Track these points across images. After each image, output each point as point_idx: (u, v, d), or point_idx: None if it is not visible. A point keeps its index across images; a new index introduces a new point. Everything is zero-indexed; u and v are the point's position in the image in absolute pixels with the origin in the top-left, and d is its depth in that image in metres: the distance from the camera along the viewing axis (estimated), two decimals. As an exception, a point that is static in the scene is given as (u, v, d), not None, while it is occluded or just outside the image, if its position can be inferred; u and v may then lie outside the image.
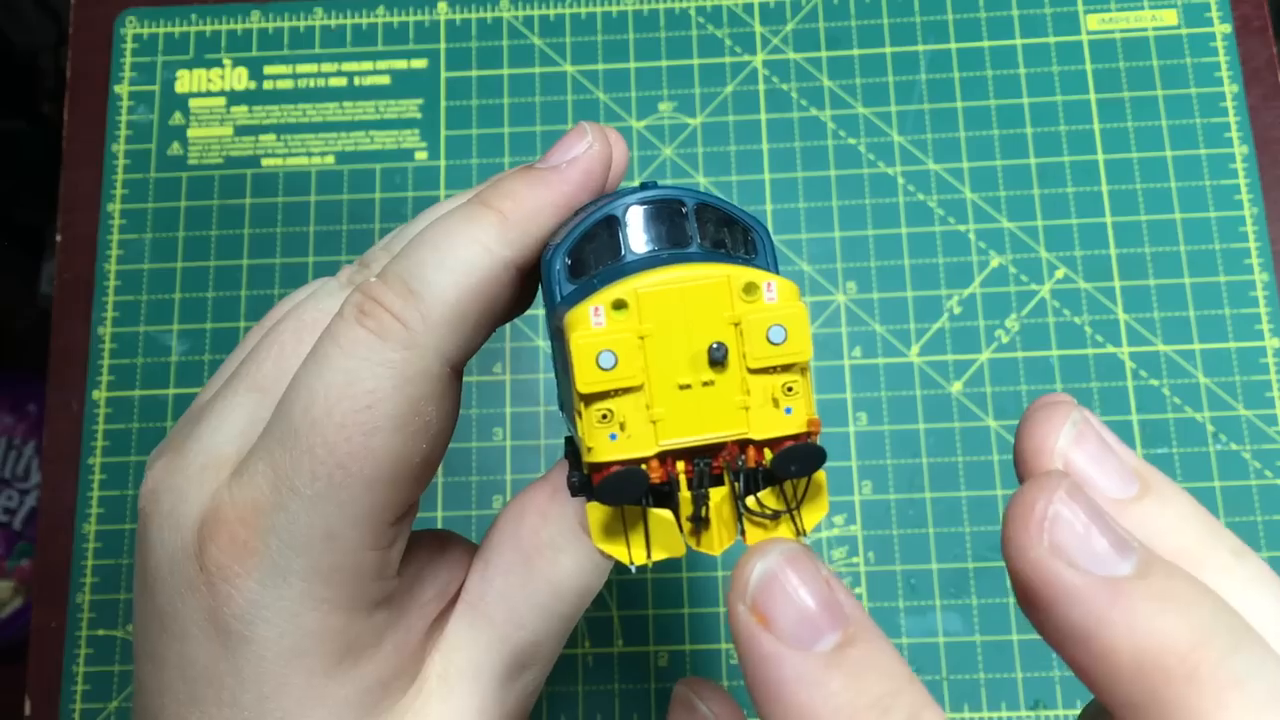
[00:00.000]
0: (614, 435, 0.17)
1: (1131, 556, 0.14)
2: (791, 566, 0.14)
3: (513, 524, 0.22)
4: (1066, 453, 0.16)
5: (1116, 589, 0.14)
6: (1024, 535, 0.14)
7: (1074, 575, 0.14)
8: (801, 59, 0.44)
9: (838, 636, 0.14)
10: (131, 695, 0.39)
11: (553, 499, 0.22)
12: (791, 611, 0.14)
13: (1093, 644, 0.14)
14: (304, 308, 0.23)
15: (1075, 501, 0.14)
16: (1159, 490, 0.16)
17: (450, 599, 0.22)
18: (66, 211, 0.44)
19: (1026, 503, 0.15)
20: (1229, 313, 0.40)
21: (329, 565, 0.19)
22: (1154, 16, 0.44)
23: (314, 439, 0.18)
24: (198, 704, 0.19)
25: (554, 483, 0.22)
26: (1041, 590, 0.14)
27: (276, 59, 0.45)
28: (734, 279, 0.17)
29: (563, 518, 0.22)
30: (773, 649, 0.14)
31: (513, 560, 0.22)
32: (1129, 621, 0.13)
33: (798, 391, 0.17)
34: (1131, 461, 0.16)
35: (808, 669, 0.14)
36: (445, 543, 0.23)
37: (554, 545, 0.21)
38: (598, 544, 0.18)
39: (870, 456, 0.40)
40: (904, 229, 0.42)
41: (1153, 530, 0.16)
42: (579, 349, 0.16)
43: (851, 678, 0.14)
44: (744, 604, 0.14)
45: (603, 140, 0.22)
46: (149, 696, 0.20)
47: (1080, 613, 0.14)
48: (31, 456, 0.92)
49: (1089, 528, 0.14)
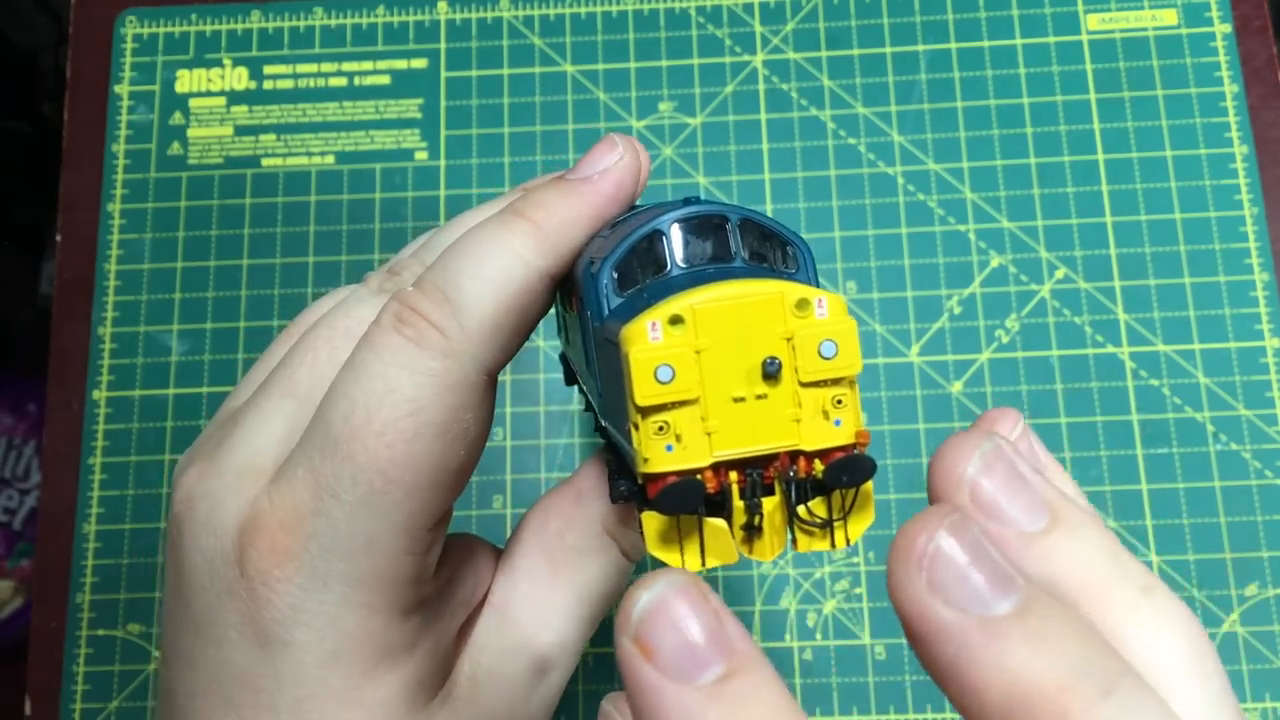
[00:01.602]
0: (670, 446, 0.17)
1: (1014, 595, 0.14)
2: (679, 596, 0.14)
3: (537, 528, 0.22)
4: (974, 481, 0.16)
5: (990, 628, 0.13)
6: (903, 571, 0.14)
7: (949, 613, 0.14)
8: (801, 59, 0.44)
9: (720, 669, 0.14)
10: (132, 694, 0.39)
11: (577, 504, 0.22)
12: (674, 643, 0.14)
13: (964, 682, 0.14)
14: (336, 315, 0.23)
15: (958, 537, 0.14)
16: (1068, 523, 0.16)
17: (478, 603, 0.23)
18: (66, 211, 0.44)
19: (909, 537, 0.14)
20: (1229, 313, 0.40)
21: (369, 570, 0.19)
22: (1154, 16, 0.44)
23: (355, 446, 0.19)
24: (233, 707, 0.20)
25: (578, 488, 0.22)
26: (918, 627, 0.14)
27: (276, 59, 0.45)
28: (787, 295, 0.17)
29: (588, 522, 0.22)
30: (654, 681, 0.14)
31: (537, 564, 0.22)
32: (999, 662, 0.13)
33: (846, 404, 0.17)
34: (1044, 493, 0.16)
35: (688, 702, 0.13)
36: (473, 548, 0.23)
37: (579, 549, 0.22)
38: (652, 551, 0.18)
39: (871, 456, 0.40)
40: (904, 229, 0.42)
41: (1058, 565, 0.15)
42: (638, 363, 0.17)
43: (730, 710, 0.13)
44: (627, 635, 0.14)
45: (632, 152, 0.22)
46: (180, 699, 0.20)
47: (954, 651, 0.14)
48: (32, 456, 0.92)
49: (969, 565, 0.14)
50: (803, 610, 0.39)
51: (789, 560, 0.39)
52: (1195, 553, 0.39)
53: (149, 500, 0.41)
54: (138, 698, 0.39)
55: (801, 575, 0.39)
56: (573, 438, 0.41)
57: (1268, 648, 0.38)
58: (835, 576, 0.39)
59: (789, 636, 0.38)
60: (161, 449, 0.41)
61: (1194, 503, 0.39)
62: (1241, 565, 0.38)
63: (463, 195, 0.43)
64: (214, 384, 0.42)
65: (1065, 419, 0.40)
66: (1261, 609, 0.38)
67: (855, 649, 0.38)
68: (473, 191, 0.43)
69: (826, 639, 0.38)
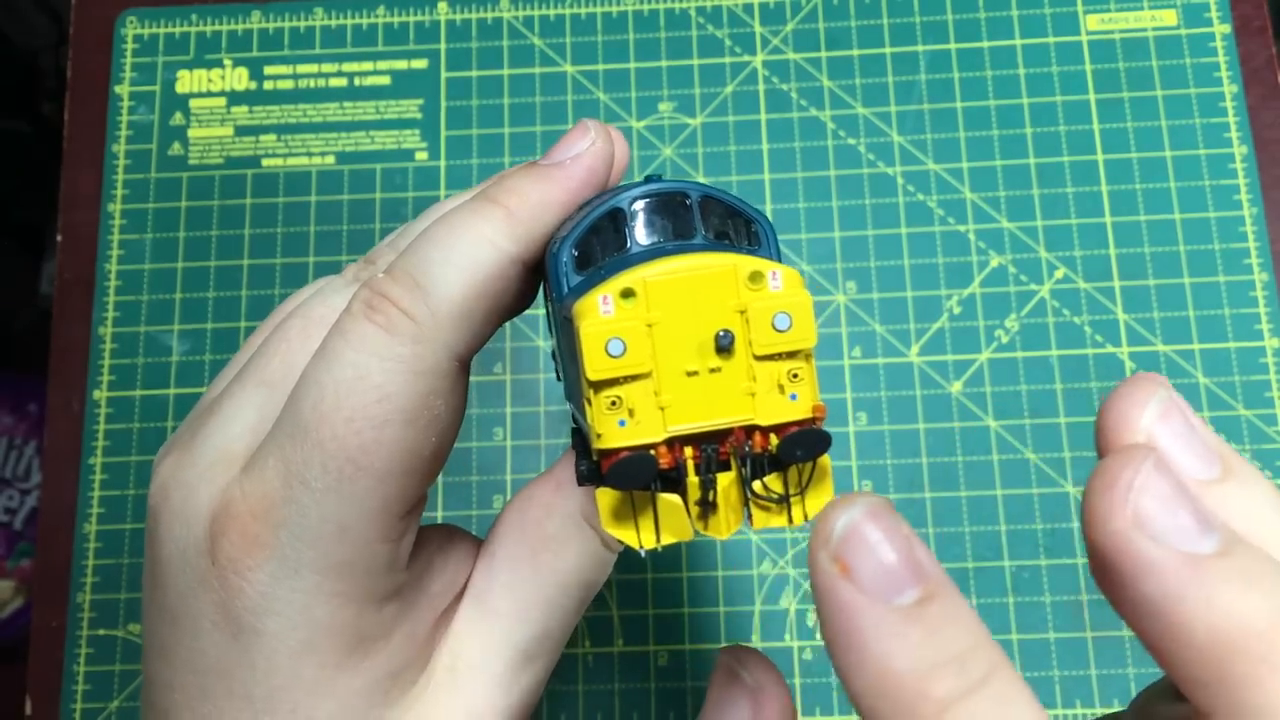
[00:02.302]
0: (623, 422, 0.17)
1: (1214, 535, 0.14)
2: (875, 521, 0.14)
3: (517, 518, 0.22)
4: (1151, 429, 0.16)
5: (1198, 565, 0.14)
6: (1106, 506, 0.14)
7: (1155, 549, 0.14)
8: (801, 59, 0.44)
9: (917, 592, 0.14)
10: (133, 694, 0.39)
11: (557, 492, 0.22)
12: (873, 564, 0.14)
13: (1168, 619, 0.14)
14: (311, 304, 0.23)
15: (1161, 476, 0.14)
16: (1241, 474, 0.16)
17: (457, 592, 0.22)
18: (67, 211, 0.44)
19: (1111, 473, 0.14)
20: (1228, 313, 0.40)
21: (340, 558, 0.19)
22: (1153, 17, 0.44)
23: (324, 433, 0.19)
24: (209, 697, 0.20)
25: (558, 477, 0.22)
26: (1120, 563, 0.14)
27: (277, 59, 0.45)
28: (740, 267, 0.17)
29: (567, 511, 0.22)
30: (853, 598, 0.14)
31: (518, 553, 0.22)
32: (1207, 598, 0.13)
33: (802, 378, 0.17)
34: (1215, 444, 0.16)
35: (887, 620, 0.14)
36: (452, 537, 0.23)
37: (558, 538, 0.22)
38: (607, 528, 0.18)
39: (870, 456, 0.40)
40: (904, 229, 0.42)
41: (1233, 513, 0.15)
42: (588, 336, 0.17)
43: (930, 633, 0.14)
44: (826, 552, 0.14)
45: (605, 137, 0.22)
46: (159, 691, 0.20)
47: (1159, 587, 0.14)
48: (32, 456, 0.92)
49: (1173, 502, 0.14)
50: (802, 610, 0.39)
51: (789, 560, 0.39)
52: (1195, 552, 0.39)
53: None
54: (138, 697, 0.39)
55: (801, 575, 0.39)
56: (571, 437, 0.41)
57: (1267, 647, 0.38)
58: (835, 576, 0.39)
59: (789, 636, 0.39)
60: (162, 449, 0.41)
61: (1193, 503, 0.39)
62: (1241, 565, 0.38)
63: (463, 195, 0.43)
64: (214, 384, 0.42)
65: (1065, 419, 0.40)
66: (1261, 609, 0.38)
67: (855, 649, 0.38)
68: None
69: (826, 639, 0.38)
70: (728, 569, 0.39)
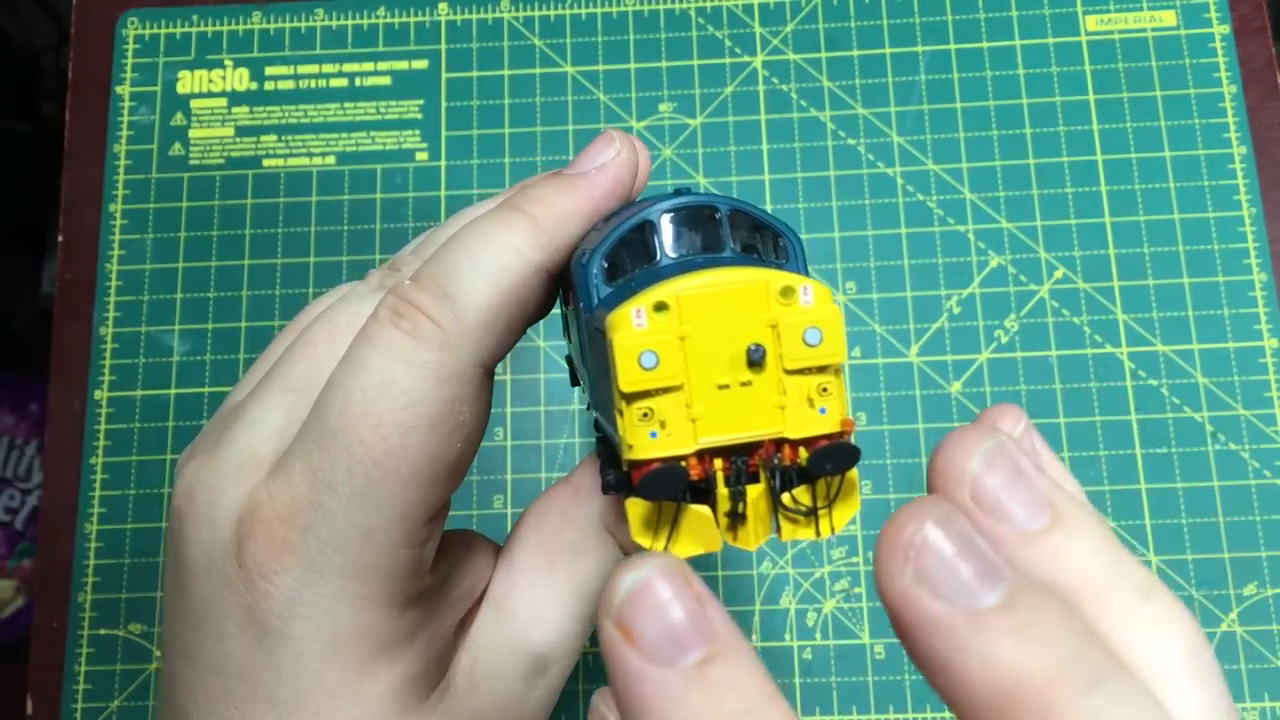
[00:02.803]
0: (654, 433, 0.17)
1: (998, 588, 0.14)
2: (662, 580, 0.14)
3: (536, 525, 0.22)
4: (975, 479, 0.16)
5: (976, 620, 0.13)
6: (891, 562, 0.14)
7: (935, 605, 0.14)
8: (801, 60, 0.44)
9: (701, 653, 0.14)
10: (133, 694, 0.39)
11: (575, 500, 0.22)
12: (656, 626, 0.14)
13: (952, 674, 0.13)
14: (336, 310, 0.23)
15: (945, 528, 0.14)
16: (1069, 523, 0.16)
17: (477, 598, 0.23)
18: (68, 211, 0.44)
19: (896, 528, 0.14)
20: (1228, 313, 0.40)
21: (365, 562, 0.19)
22: (1153, 17, 0.44)
23: (351, 438, 0.19)
24: (232, 699, 0.20)
25: (575, 485, 0.22)
26: (905, 618, 0.14)
27: (278, 60, 0.45)
28: (772, 283, 0.17)
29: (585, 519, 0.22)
30: (635, 665, 0.14)
31: (536, 561, 0.22)
32: (986, 653, 0.13)
33: (832, 392, 0.17)
34: (1046, 491, 0.16)
35: (668, 685, 0.13)
36: (471, 543, 0.23)
37: (576, 546, 0.22)
38: (636, 538, 0.18)
39: (870, 456, 0.40)
40: (903, 229, 0.42)
41: (1058, 564, 0.15)
42: (622, 349, 0.17)
43: (710, 694, 0.13)
44: (609, 619, 0.14)
45: (630, 147, 0.22)
46: (180, 693, 0.21)
47: (941, 642, 0.14)
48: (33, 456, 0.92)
49: (956, 557, 0.14)
50: (802, 610, 0.39)
51: (788, 560, 0.39)
52: (1194, 552, 0.39)
53: (150, 500, 0.41)
54: (139, 697, 0.39)
55: (801, 575, 0.39)
56: (573, 438, 0.41)
57: (1266, 647, 0.38)
58: (835, 576, 0.39)
59: (789, 636, 0.39)
60: (163, 449, 0.42)
61: (1193, 502, 0.39)
62: (1240, 565, 0.38)
63: (463, 196, 0.44)
64: (215, 384, 0.42)
65: (1064, 419, 0.40)
66: (1260, 608, 0.38)
67: (855, 648, 0.38)
68: (473, 192, 0.44)
69: (826, 639, 0.39)
70: (728, 569, 0.39)
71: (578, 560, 0.22)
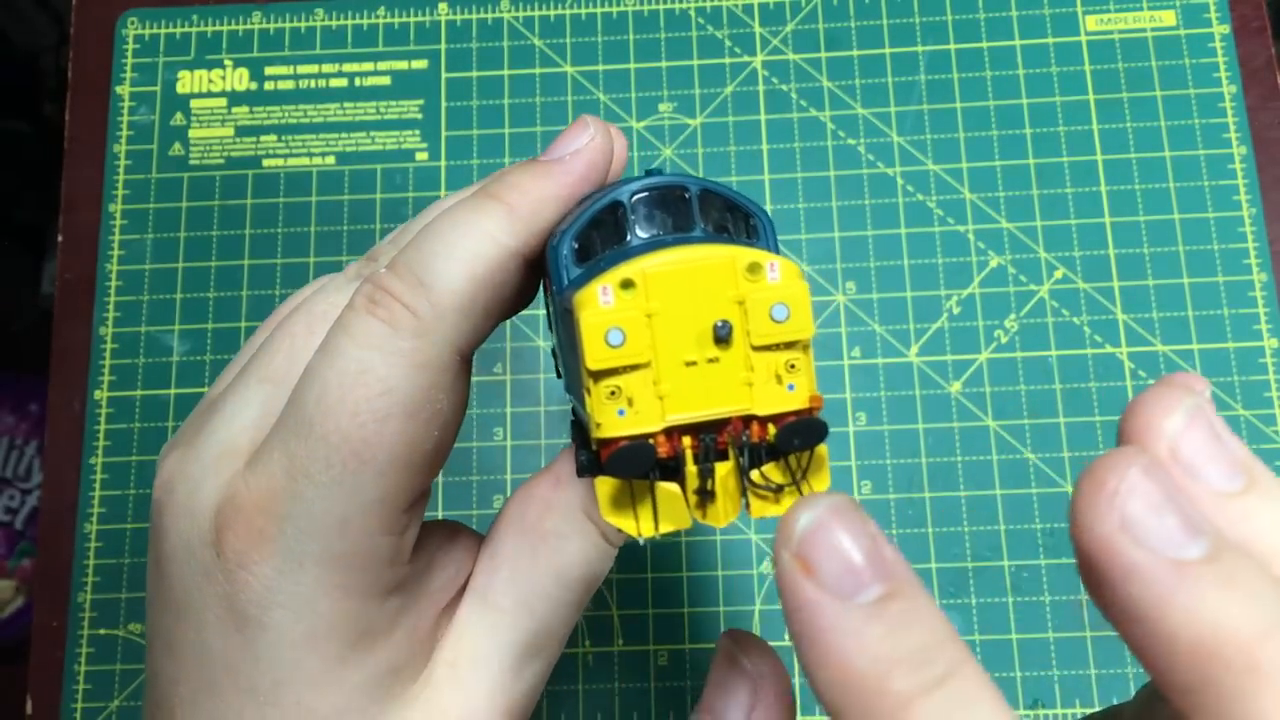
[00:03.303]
0: (622, 411, 0.17)
1: (1203, 540, 0.14)
2: (838, 519, 0.14)
3: (518, 514, 0.22)
4: (1175, 436, 0.16)
5: (1183, 571, 0.13)
6: (1093, 509, 0.14)
7: (1140, 553, 0.14)
8: (801, 60, 0.44)
9: (880, 589, 0.14)
10: (133, 694, 0.39)
11: (556, 488, 0.22)
12: (836, 561, 0.14)
13: (1153, 625, 0.13)
14: (313, 301, 0.23)
15: (1150, 479, 0.14)
16: (1266, 488, 0.15)
17: (459, 588, 0.22)
18: (68, 211, 0.44)
19: (1099, 476, 0.14)
20: (1227, 313, 0.40)
21: (344, 551, 0.19)
22: (1152, 17, 0.44)
23: (328, 427, 0.19)
24: (213, 690, 0.20)
25: (557, 473, 0.22)
26: (1105, 566, 0.14)
27: (277, 60, 0.45)
28: (738, 259, 0.17)
29: (567, 505, 0.22)
30: (815, 596, 0.14)
31: (519, 548, 0.22)
32: (1193, 605, 0.13)
33: (800, 368, 0.17)
34: (1241, 455, 0.16)
35: (849, 618, 0.14)
36: (454, 533, 0.23)
37: (559, 533, 0.22)
38: (606, 516, 0.18)
39: (869, 456, 0.40)
40: (903, 229, 0.42)
41: (1253, 527, 0.15)
42: (588, 326, 0.17)
43: (891, 630, 0.14)
44: (789, 551, 0.14)
45: (604, 133, 0.22)
46: (163, 685, 0.21)
47: (1143, 592, 0.13)
48: (33, 456, 0.92)
49: (1162, 507, 0.14)
50: (802, 610, 0.39)
51: (788, 560, 0.39)
52: (1194, 552, 0.39)
53: (150, 500, 0.41)
54: (139, 697, 0.39)
55: (801, 575, 0.39)
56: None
57: (1266, 647, 0.38)
58: (834, 576, 0.39)
59: (789, 636, 0.39)
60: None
61: (1192, 502, 0.39)
62: (1240, 565, 0.38)
63: (463, 196, 0.44)
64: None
65: (1064, 419, 0.40)
66: (1260, 608, 0.38)
67: (854, 648, 0.38)
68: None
69: (826, 638, 0.38)
70: (728, 569, 0.39)
71: (560, 547, 0.22)
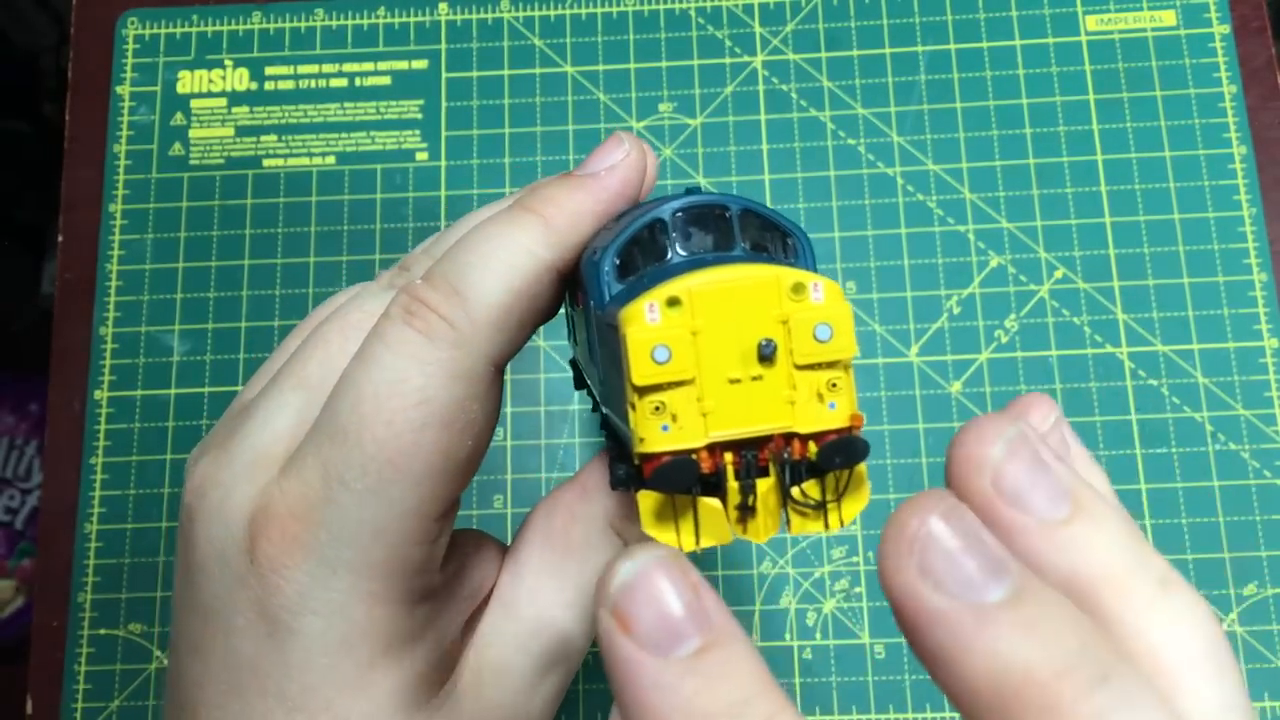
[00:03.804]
0: (666, 427, 0.17)
1: (1004, 583, 0.14)
2: (659, 570, 0.14)
3: (543, 524, 0.23)
4: (997, 467, 0.16)
5: (982, 615, 0.13)
6: (895, 555, 0.14)
7: (939, 599, 0.14)
8: (801, 60, 0.44)
9: (697, 642, 0.14)
10: (133, 694, 0.39)
11: (582, 499, 0.22)
12: (652, 615, 0.14)
13: (956, 669, 0.13)
14: (348, 310, 0.23)
15: (950, 522, 0.14)
16: (1091, 513, 0.15)
17: (484, 597, 0.23)
18: (68, 211, 0.44)
19: (902, 520, 0.14)
20: (1227, 313, 0.40)
21: (377, 558, 0.19)
22: (1153, 17, 0.44)
23: (364, 435, 0.19)
24: (241, 693, 0.20)
25: (583, 483, 0.22)
26: (909, 612, 0.14)
27: (278, 60, 0.45)
28: (783, 279, 0.17)
29: (592, 518, 0.22)
30: (631, 655, 0.14)
31: (543, 559, 0.22)
32: (992, 649, 0.13)
33: (841, 387, 0.18)
34: (1068, 482, 0.16)
35: (666, 674, 0.13)
36: (480, 541, 0.23)
37: (584, 545, 0.22)
38: (647, 529, 0.18)
39: (870, 456, 0.40)
40: (903, 229, 0.42)
41: (1078, 555, 0.15)
42: (635, 343, 0.17)
43: (705, 683, 0.13)
44: (605, 608, 0.14)
45: (639, 149, 0.22)
46: (189, 688, 0.21)
47: (944, 637, 0.13)
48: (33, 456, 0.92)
49: (961, 552, 0.14)
50: (802, 610, 0.39)
51: (788, 560, 0.39)
52: (1194, 552, 0.39)
53: (150, 500, 0.41)
54: (139, 697, 0.39)
55: (801, 575, 0.39)
56: (573, 438, 0.41)
57: (1266, 647, 0.38)
58: (835, 576, 0.39)
59: (789, 636, 0.39)
60: (163, 449, 0.42)
61: (1192, 502, 0.39)
62: (1240, 565, 0.38)
63: (463, 196, 0.44)
64: (215, 384, 0.42)
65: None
66: (1260, 608, 0.38)
67: (855, 648, 0.38)
68: (473, 192, 0.44)
69: (826, 638, 0.39)
70: (728, 569, 0.39)
71: (585, 558, 0.22)
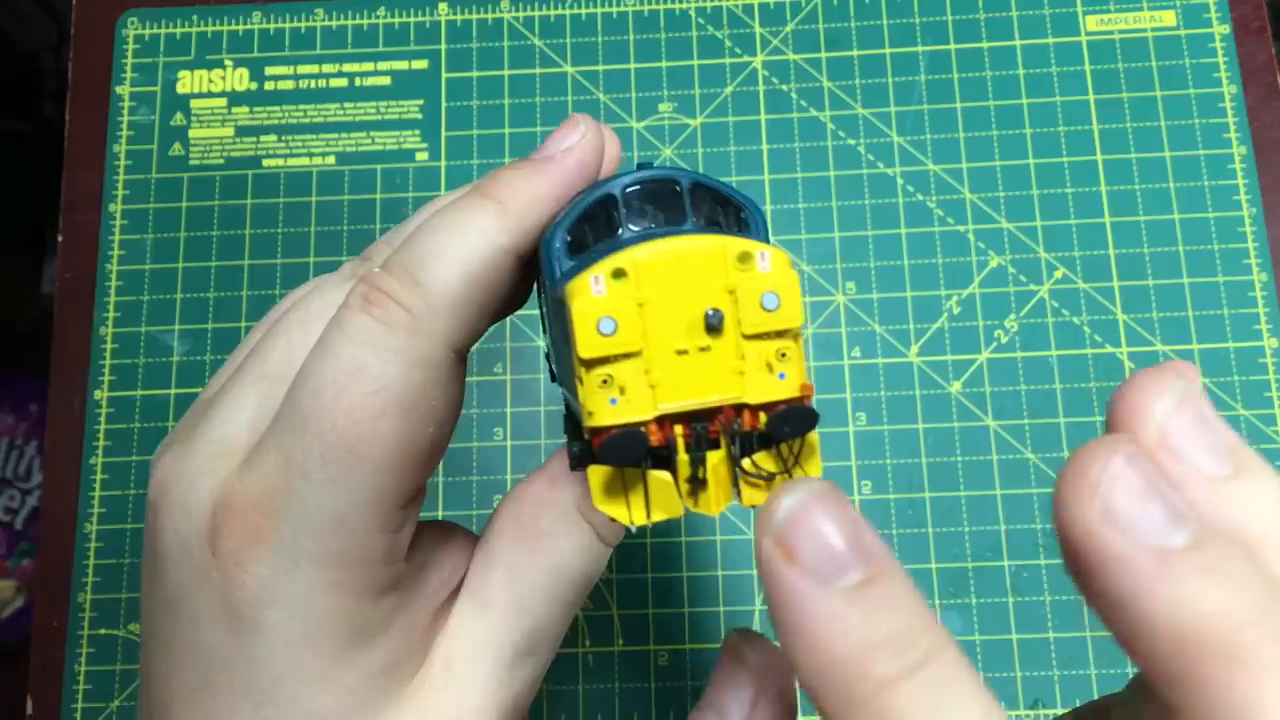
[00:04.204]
0: (614, 400, 0.17)
1: (1187, 528, 0.14)
2: (819, 504, 0.14)
3: (512, 513, 0.22)
4: (1164, 420, 0.15)
5: (1166, 559, 0.13)
6: (1076, 498, 0.14)
7: (1122, 542, 0.13)
8: (801, 60, 0.44)
9: (861, 574, 0.14)
10: (133, 694, 0.39)
11: (550, 486, 0.22)
12: (816, 547, 0.14)
13: (1136, 614, 0.13)
14: (308, 300, 0.23)
15: (1134, 467, 0.14)
16: (1254, 473, 0.15)
17: (454, 587, 0.22)
18: (68, 212, 0.44)
19: (1082, 464, 0.14)
20: (1227, 313, 0.40)
21: (339, 549, 0.19)
22: (1152, 17, 0.44)
23: (324, 424, 0.19)
24: (208, 689, 0.20)
25: (552, 472, 0.22)
26: (1088, 556, 0.14)
27: (278, 60, 0.45)
28: (729, 248, 0.17)
29: (561, 504, 0.22)
30: (795, 582, 0.14)
31: (513, 547, 0.22)
32: (1173, 594, 0.13)
33: (791, 357, 0.18)
34: (1229, 440, 0.16)
35: (830, 603, 0.14)
36: (449, 532, 0.23)
37: (553, 531, 0.22)
38: (598, 505, 0.18)
39: (869, 456, 0.40)
40: (903, 229, 0.42)
41: (1240, 512, 0.15)
42: (580, 315, 0.17)
43: (870, 614, 0.14)
44: (769, 537, 0.14)
45: (595, 131, 0.22)
46: (157, 684, 0.21)
47: (1125, 581, 0.13)
48: (33, 457, 0.92)
49: (1144, 495, 0.14)
50: (802, 610, 0.39)
51: (788, 560, 0.39)
52: (1194, 552, 0.39)
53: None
54: (138, 696, 0.39)
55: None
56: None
57: (1266, 647, 0.38)
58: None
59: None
60: (163, 449, 0.42)
61: (1192, 503, 0.39)
62: (1240, 565, 0.38)
63: (463, 196, 0.44)
64: (215, 384, 0.42)
65: (1064, 419, 0.40)
66: (1260, 609, 0.38)
67: (854, 648, 0.38)
68: (473, 192, 0.44)
69: (826, 638, 0.38)
70: (728, 569, 0.39)
71: (554, 546, 0.22)
